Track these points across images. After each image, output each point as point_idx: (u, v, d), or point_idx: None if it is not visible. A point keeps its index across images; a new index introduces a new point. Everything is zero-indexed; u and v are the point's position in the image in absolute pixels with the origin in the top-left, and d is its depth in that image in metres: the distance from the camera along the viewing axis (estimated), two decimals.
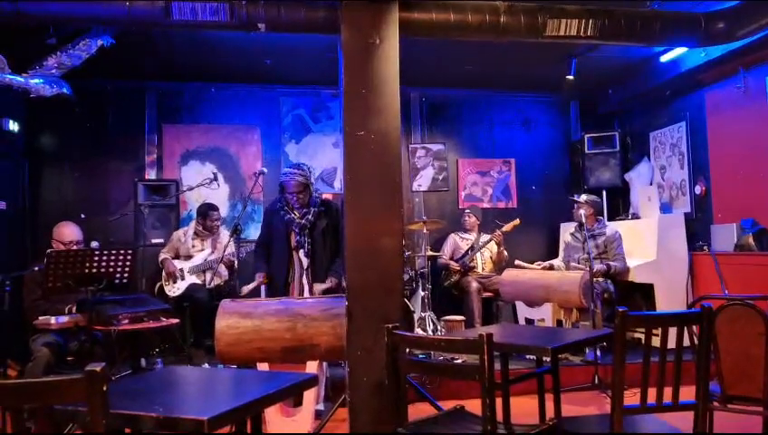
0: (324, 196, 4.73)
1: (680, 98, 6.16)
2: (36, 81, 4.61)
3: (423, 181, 6.85)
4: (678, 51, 5.48)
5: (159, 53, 5.55)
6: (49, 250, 3.62)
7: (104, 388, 1.38)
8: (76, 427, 3.44)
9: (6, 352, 4.55)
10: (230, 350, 3.65)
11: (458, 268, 6.02)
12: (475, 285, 5.76)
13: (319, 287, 4.33)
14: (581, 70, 5.67)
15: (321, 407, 3.96)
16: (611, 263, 5.20)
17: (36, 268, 4.02)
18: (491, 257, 6.13)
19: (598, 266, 4.87)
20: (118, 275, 3.72)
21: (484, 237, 6.13)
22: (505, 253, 6.06)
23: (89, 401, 1.38)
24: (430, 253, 5.92)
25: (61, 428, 3.10)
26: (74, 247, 4.23)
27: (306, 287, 4.41)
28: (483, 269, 6.06)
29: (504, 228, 5.94)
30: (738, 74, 5.27)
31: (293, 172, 4.34)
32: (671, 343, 2.06)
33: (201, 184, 5.49)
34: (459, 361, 4.49)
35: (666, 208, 6.12)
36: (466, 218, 6.28)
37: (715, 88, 5.69)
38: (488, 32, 3.97)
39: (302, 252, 4.40)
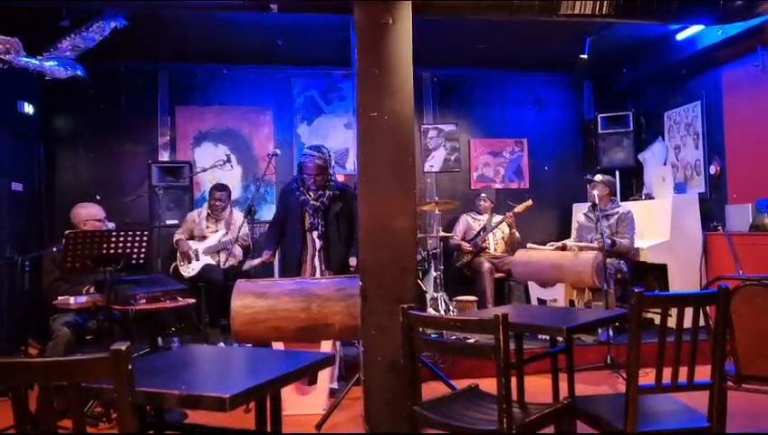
0: (339, 179, 4.75)
1: (696, 76, 6.07)
2: (51, 63, 4.62)
3: (435, 162, 6.81)
4: (694, 28, 5.38)
5: (172, 34, 5.55)
6: (67, 231, 3.66)
7: (129, 366, 1.41)
8: (96, 404, 3.52)
9: (27, 332, 4.65)
10: (245, 329, 3.71)
11: (470, 249, 6.02)
12: (486, 265, 5.77)
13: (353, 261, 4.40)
14: (595, 48, 5.60)
15: (335, 385, 4.03)
16: (617, 239, 5.17)
17: (55, 249, 4.08)
18: (503, 238, 6.12)
19: (602, 241, 4.82)
20: (135, 256, 3.76)
21: (496, 218, 6.12)
22: (517, 234, 6.05)
23: (115, 379, 1.41)
24: (442, 233, 5.92)
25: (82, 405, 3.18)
26: (107, 222, 4.31)
27: (318, 269, 4.45)
28: (495, 250, 6.06)
29: (515, 209, 5.92)
30: (756, 52, 5.17)
31: (313, 154, 4.36)
32: (686, 323, 2.06)
33: (214, 165, 5.52)
34: (472, 340, 4.53)
35: (680, 188, 6.07)
36: (481, 202, 6.26)
37: (731, 66, 5.60)
38: (502, 10, 3.92)
39: (315, 233, 4.44)
